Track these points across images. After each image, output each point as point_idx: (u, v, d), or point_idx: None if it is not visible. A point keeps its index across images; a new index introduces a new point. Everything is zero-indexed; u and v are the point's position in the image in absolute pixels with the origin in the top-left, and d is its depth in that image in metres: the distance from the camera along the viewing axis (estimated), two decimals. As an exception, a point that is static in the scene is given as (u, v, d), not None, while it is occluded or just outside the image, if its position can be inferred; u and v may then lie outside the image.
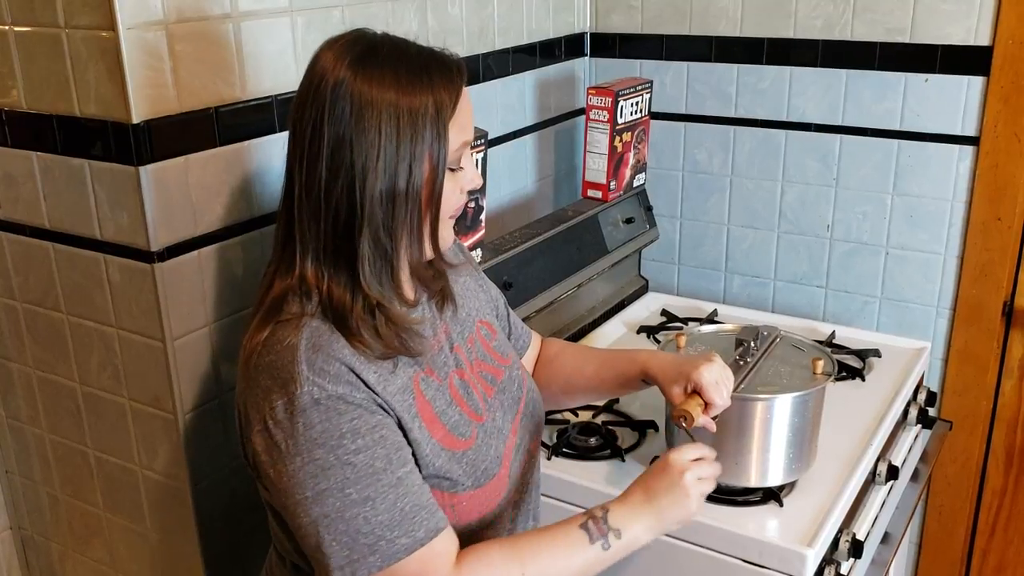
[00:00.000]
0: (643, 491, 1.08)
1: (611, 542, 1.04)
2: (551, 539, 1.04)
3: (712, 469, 1.11)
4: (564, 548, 1.03)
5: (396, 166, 0.98)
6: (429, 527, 0.98)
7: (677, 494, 1.07)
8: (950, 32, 1.80)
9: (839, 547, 1.34)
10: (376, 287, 1.01)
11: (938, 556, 2.12)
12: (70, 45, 1.19)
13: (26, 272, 1.39)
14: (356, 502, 0.95)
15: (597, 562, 1.04)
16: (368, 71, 0.98)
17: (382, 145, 0.97)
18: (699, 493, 1.09)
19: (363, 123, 0.96)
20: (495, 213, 1.92)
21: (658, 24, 2.10)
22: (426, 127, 0.98)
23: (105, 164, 1.22)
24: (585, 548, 1.03)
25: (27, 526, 1.61)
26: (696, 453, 1.11)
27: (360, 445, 0.96)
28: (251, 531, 1.41)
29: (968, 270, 1.90)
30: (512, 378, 1.22)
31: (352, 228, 0.99)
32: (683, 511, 1.08)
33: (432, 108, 0.98)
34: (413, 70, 0.99)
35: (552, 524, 1.07)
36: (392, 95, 0.97)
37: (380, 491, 0.96)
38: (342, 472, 0.95)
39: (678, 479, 1.07)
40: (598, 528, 1.04)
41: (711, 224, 2.17)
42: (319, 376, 0.96)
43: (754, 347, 1.40)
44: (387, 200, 0.98)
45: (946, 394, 1.99)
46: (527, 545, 1.03)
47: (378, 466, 0.96)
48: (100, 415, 1.40)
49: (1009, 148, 1.80)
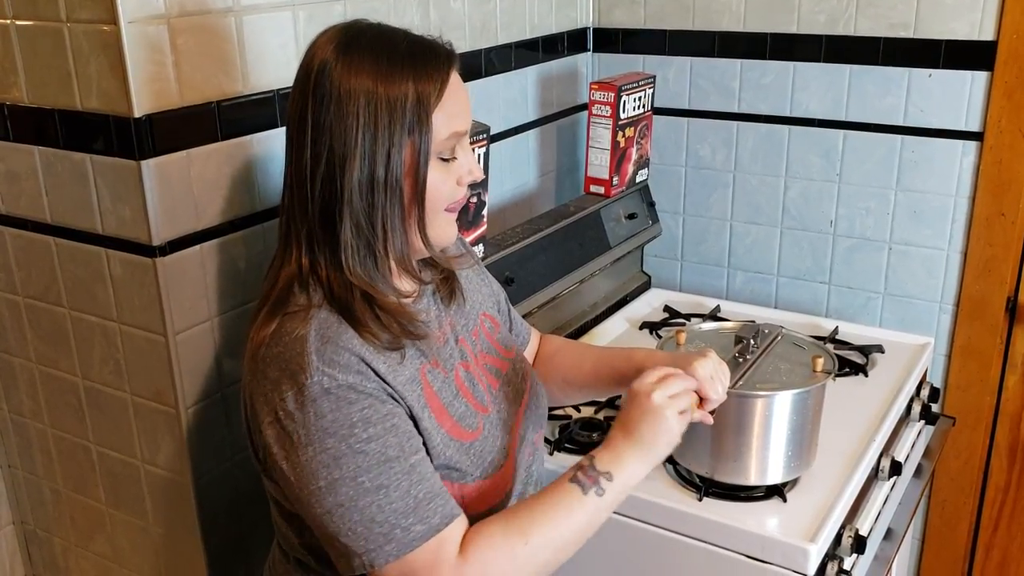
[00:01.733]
0: (621, 428, 1.07)
1: (604, 486, 1.02)
2: (547, 503, 1.02)
3: (680, 384, 1.08)
4: (561, 507, 1.01)
5: (375, 154, 0.98)
6: (444, 513, 0.98)
7: (652, 418, 1.05)
8: (954, 27, 1.80)
9: (842, 543, 1.34)
10: (361, 275, 1.01)
11: (941, 552, 2.12)
12: (72, 39, 1.18)
13: (28, 267, 1.39)
14: (370, 490, 0.95)
15: (596, 511, 1.03)
16: (349, 58, 0.98)
17: (360, 133, 0.97)
18: (674, 411, 1.06)
19: (342, 110, 0.97)
20: (497, 209, 1.91)
21: (661, 19, 2.09)
22: (405, 115, 0.98)
23: (107, 158, 1.22)
24: (581, 500, 1.02)
25: (30, 521, 1.62)
26: (659, 373, 1.08)
27: (372, 433, 0.96)
28: (254, 525, 1.41)
29: (971, 266, 1.89)
30: (516, 371, 1.23)
31: (334, 215, 0.99)
32: (665, 433, 1.05)
33: (413, 96, 0.98)
34: (395, 57, 0.99)
35: (544, 488, 1.05)
36: (370, 82, 0.97)
37: (393, 479, 0.96)
38: (354, 461, 0.95)
39: (647, 403, 1.05)
40: (588, 477, 1.03)
41: (714, 220, 2.17)
42: (329, 366, 0.96)
43: (754, 344, 1.39)
44: (367, 188, 0.99)
45: (949, 390, 1.99)
46: (525, 515, 1.01)
47: (390, 454, 0.96)
48: (102, 410, 1.40)
49: (1013, 143, 1.79)
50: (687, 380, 1.09)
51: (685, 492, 1.38)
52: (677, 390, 1.08)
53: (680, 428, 1.07)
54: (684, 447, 1.39)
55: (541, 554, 1.00)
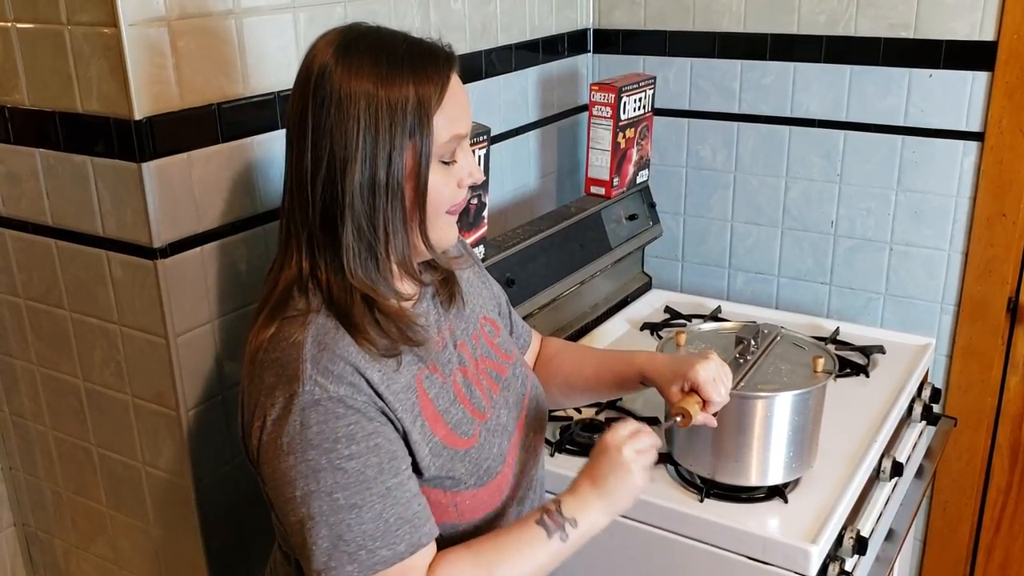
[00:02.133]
0: (588, 478, 1.09)
1: (568, 532, 1.05)
2: (512, 540, 1.05)
3: (649, 440, 1.11)
4: (526, 546, 1.04)
5: (376, 157, 0.98)
6: (411, 542, 0.98)
7: (620, 472, 1.08)
8: (955, 27, 1.80)
9: (843, 544, 1.34)
10: (363, 279, 1.01)
11: (943, 553, 2.11)
12: (72, 42, 1.19)
13: (29, 269, 1.39)
14: (343, 508, 0.95)
15: (559, 553, 1.06)
16: (348, 61, 0.98)
17: (361, 136, 0.97)
18: (640, 466, 1.09)
19: (343, 113, 0.97)
20: (498, 210, 1.91)
21: (661, 20, 2.09)
22: (406, 118, 0.98)
23: (108, 161, 1.22)
24: (545, 542, 1.05)
25: (31, 522, 1.62)
26: (630, 428, 1.11)
27: (354, 451, 0.96)
28: (254, 527, 1.41)
29: (973, 266, 1.89)
30: (516, 375, 1.22)
31: (336, 219, 0.99)
32: (629, 487, 1.08)
33: (414, 99, 0.98)
34: (395, 60, 0.98)
35: (510, 524, 1.09)
36: (370, 86, 0.97)
37: (368, 500, 0.96)
38: (332, 477, 0.95)
39: (617, 457, 1.08)
40: (553, 521, 1.05)
41: (714, 221, 2.17)
42: (322, 376, 0.96)
43: (754, 345, 1.39)
44: (368, 192, 0.98)
45: (951, 390, 1.99)
46: (492, 549, 1.04)
47: (369, 474, 0.96)
48: (103, 412, 1.40)
49: (1014, 144, 1.79)
50: (654, 437, 1.12)
51: (686, 493, 1.38)
52: (645, 446, 1.10)
53: (643, 483, 1.10)
54: (685, 448, 1.39)
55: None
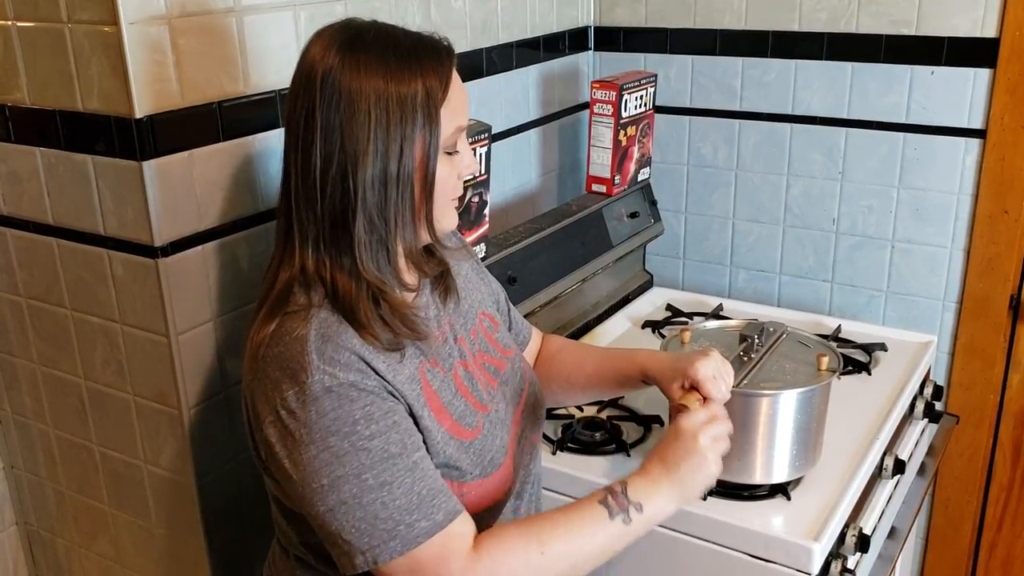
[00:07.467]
0: (660, 461, 1.08)
1: (632, 516, 1.03)
2: (570, 517, 1.03)
3: (725, 427, 1.11)
4: (584, 525, 1.02)
5: (387, 151, 0.98)
6: (448, 509, 0.98)
7: (695, 459, 1.06)
8: (956, 24, 1.79)
9: (846, 541, 1.34)
10: (374, 272, 1.01)
11: (945, 550, 2.11)
12: (73, 40, 1.18)
13: (30, 268, 1.39)
14: (373, 487, 0.95)
15: (620, 536, 1.03)
16: (356, 58, 0.98)
17: (372, 131, 0.97)
18: (716, 455, 1.08)
19: (353, 110, 0.97)
20: (499, 208, 1.91)
21: (662, 18, 2.09)
22: (417, 112, 0.99)
23: (108, 159, 1.22)
24: (606, 523, 1.02)
25: (33, 521, 1.62)
26: (707, 414, 1.10)
27: (374, 431, 0.96)
28: (256, 525, 1.41)
29: (974, 263, 1.89)
30: (515, 370, 1.23)
31: (347, 213, 0.99)
32: (702, 476, 1.07)
33: (422, 93, 0.99)
34: (401, 55, 0.99)
35: (570, 503, 1.06)
36: (380, 82, 0.97)
37: (396, 475, 0.96)
38: (357, 458, 0.95)
39: (693, 444, 1.07)
40: (617, 503, 1.03)
41: (716, 218, 2.16)
42: (329, 364, 0.96)
43: (758, 343, 1.39)
44: (379, 184, 0.99)
45: (953, 388, 1.99)
46: (546, 524, 1.02)
47: (393, 451, 0.97)
48: (104, 411, 1.40)
49: (1016, 141, 1.79)
50: (729, 425, 1.11)
51: (688, 491, 1.38)
52: (721, 434, 1.09)
53: (717, 472, 1.08)
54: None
55: (555, 566, 1.00)
